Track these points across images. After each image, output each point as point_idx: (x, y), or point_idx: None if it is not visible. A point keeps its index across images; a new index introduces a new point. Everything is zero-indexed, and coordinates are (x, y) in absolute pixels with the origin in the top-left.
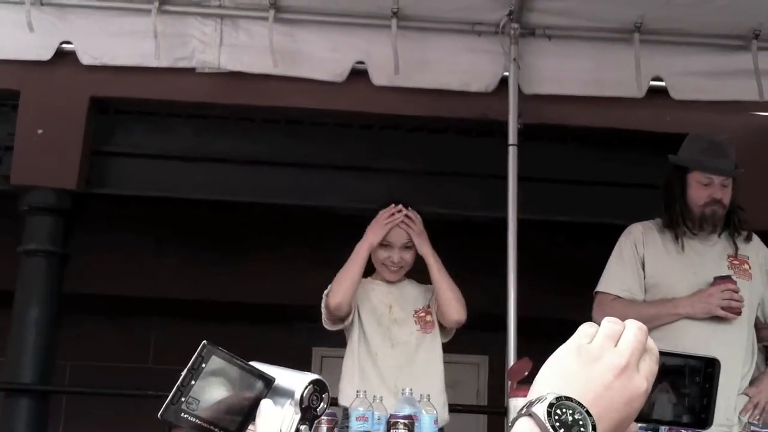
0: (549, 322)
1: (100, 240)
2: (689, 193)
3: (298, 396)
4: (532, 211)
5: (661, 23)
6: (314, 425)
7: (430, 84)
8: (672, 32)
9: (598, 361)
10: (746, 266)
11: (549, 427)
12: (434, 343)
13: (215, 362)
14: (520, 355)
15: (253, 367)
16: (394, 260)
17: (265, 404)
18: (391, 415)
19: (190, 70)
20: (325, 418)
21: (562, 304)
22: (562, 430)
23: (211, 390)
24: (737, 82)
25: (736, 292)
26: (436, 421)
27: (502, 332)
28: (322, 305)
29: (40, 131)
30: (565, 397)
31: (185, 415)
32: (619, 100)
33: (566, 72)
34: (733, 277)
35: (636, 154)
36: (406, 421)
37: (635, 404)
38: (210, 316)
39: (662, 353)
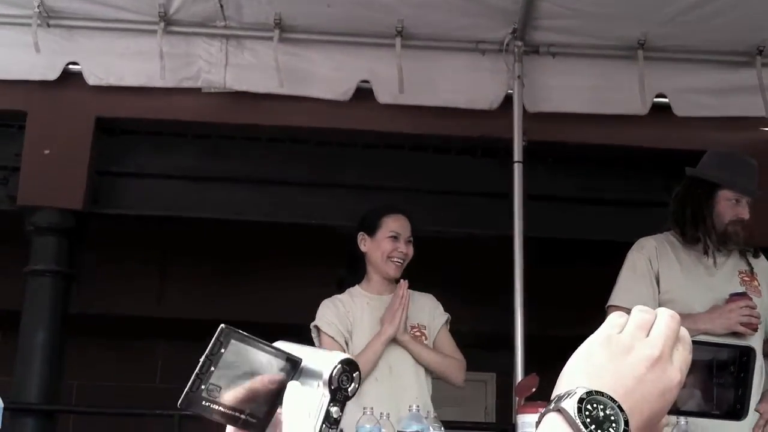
0: (557, 339)
1: (105, 260)
2: (717, 209)
3: (327, 376)
4: (537, 229)
5: (665, 40)
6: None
7: (435, 102)
8: (675, 49)
9: (630, 352)
10: (756, 283)
11: (580, 424)
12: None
13: (235, 346)
14: (527, 372)
15: (277, 348)
16: (402, 251)
17: (293, 387)
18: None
19: (196, 90)
20: None
21: (570, 321)
22: (593, 426)
23: (233, 375)
24: (741, 99)
25: (754, 308)
26: None
27: (510, 349)
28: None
29: (46, 152)
30: (595, 391)
31: (206, 403)
32: (623, 118)
33: (570, 89)
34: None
35: (641, 172)
36: None
37: (669, 396)
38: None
39: (695, 343)
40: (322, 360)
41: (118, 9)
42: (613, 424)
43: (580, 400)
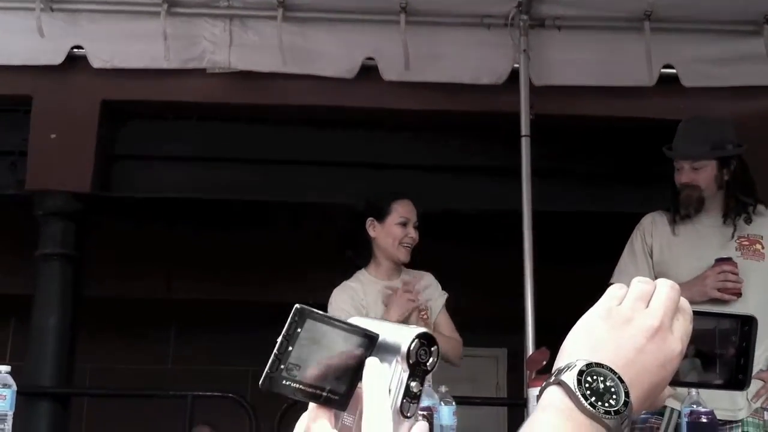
0: (567, 314)
1: (115, 243)
2: (675, 179)
3: (404, 351)
4: (547, 202)
5: (671, 11)
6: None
7: (441, 78)
8: (682, 19)
9: (630, 323)
10: (758, 246)
11: (579, 396)
12: None
13: (311, 325)
14: (538, 345)
15: (353, 325)
16: (412, 236)
17: (372, 362)
18: None
19: (201, 71)
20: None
21: (580, 295)
22: (594, 398)
23: (311, 354)
24: (749, 68)
25: (735, 273)
26: (455, 413)
27: (521, 325)
28: None
29: (53, 136)
30: (595, 363)
31: (287, 383)
32: (630, 89)
33: (576, 62)
34: (738, 259)
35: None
36: (425, 413)
37: (669, 367)
38: (227, 317)
39: (696, 313)
40: (399, 334)
41: None
42: (614, 396)
43: (580, 373)
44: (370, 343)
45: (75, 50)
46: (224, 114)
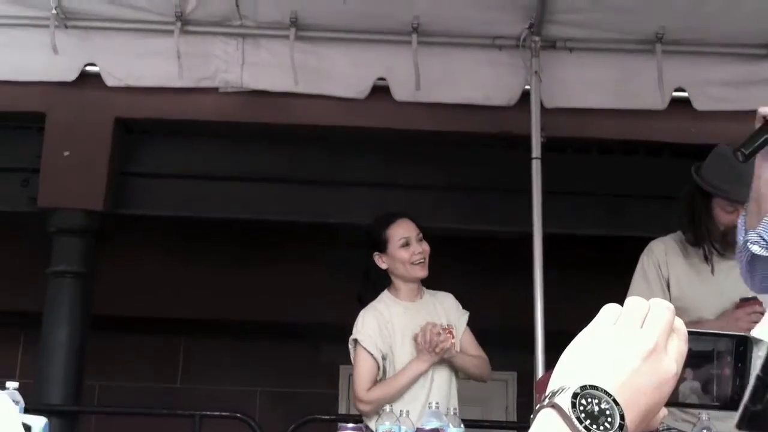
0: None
1: (126, 260)
2: (714, 214)
3: None
4: (557, 224)
5: (683, 33)
6: None
7: (452, 99)
8: (694, 42)
9: (624, 344)
10: None
11: (574, 419)
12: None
13: None
14: (548, 369)
15: None
16: (419, 251)
17: None
18: (417, 428)
19: (214, 90)
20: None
21: (591, 318)
22: (588, 421)
23: None
24: (761, 91)
25: (762, 313)
26: None
27: (531, 348)
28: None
29: (66, 153)
30: (590, 385)
31: None
32: (641, 112)
33: (588, 84)
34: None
35: (661, 165)
36: None
37: (665, 388)
38: (237, 336)
39: (691, 333)
40: None
41: (135, 9)
42: (609, 418)
43: (575, 395)
44: None
45: (88, 67)
46: (236, 133)
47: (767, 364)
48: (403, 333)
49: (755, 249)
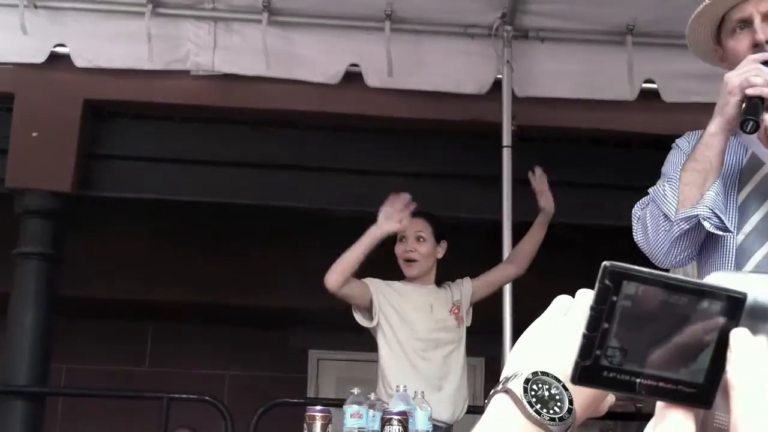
0: None
1: (94, 243)
2: None
3: None
4: (527, 213)
5: (653, 26)
6: (311, 424)
7: (424, 86)
8: (664, 34)
9: (575, 333)
10: None
11: (525, 404)
12: (463, 338)
13: (632, 289)
14: None
15: (701, 284)
16: (408, 249)
17: (740, 336)
18: (385, 411)
19: (185, 73)
20: (320, 414)
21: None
22: (539, 405)
23: (640, 330)
24: None
25: None
26: (430, 418)
27: (498, 334)
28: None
29: (34, 134)
30: (541, 372)
31: (611, 374)
32: (611, 103)
33: (559, 74)
34: None
35: (630, 156)
36: (399, 418)
37: None
38: (206, 319)
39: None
40: None
41: None
42: (559, 403)
43: (526, 381)
44: (735, 308)
45: (58, 48)
46: (207, 116)
47: (591, 323)
48: (415, 304)
49: (707, 225)
